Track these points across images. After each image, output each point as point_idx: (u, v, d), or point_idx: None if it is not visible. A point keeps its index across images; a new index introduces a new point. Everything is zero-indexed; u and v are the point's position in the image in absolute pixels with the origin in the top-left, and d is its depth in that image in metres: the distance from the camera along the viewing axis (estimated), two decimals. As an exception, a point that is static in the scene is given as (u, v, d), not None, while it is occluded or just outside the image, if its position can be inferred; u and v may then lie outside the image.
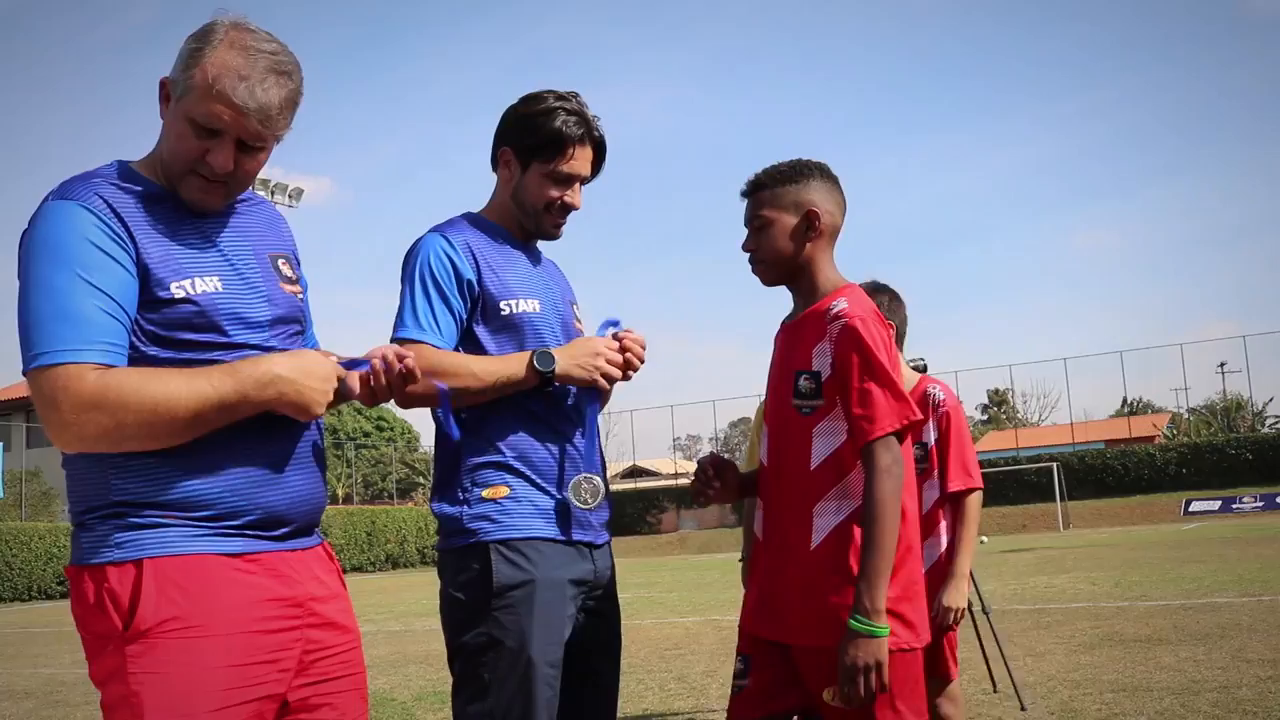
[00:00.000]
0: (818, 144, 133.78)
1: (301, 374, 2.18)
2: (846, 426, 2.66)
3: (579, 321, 3.10)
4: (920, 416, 2.66)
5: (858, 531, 2.60)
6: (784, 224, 2.81)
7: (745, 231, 2.89)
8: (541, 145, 2.91)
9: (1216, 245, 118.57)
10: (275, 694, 2.19)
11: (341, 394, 2.45)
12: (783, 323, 2.93)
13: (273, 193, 47.53)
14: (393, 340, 2.78)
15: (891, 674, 2.55)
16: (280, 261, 2.43)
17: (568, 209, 2.98)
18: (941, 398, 3.97)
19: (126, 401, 2.04)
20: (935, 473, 3.95)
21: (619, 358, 2.92)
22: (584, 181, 3.00)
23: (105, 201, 2.15)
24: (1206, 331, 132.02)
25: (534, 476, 2.83)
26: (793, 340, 2.81)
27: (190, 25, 2.25)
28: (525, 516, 2.79)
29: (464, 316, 2.86)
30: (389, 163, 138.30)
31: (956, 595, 3.98)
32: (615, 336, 2.96)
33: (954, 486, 3.93)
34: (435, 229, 2.93)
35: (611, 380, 2.91)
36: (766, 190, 2.84)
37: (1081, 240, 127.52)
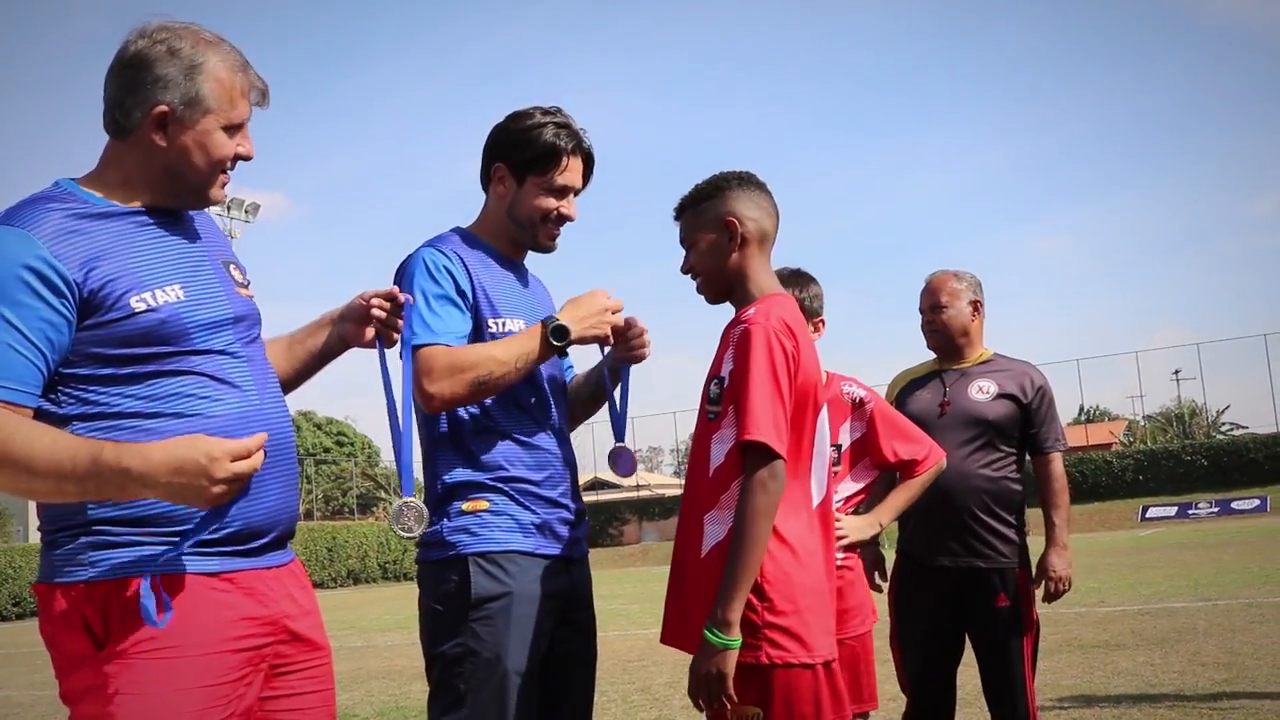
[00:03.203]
0: (775, 153, 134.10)
1: (168, 472, 2.02)
2: (735, 435, 2.64)
3: None
4: (783, 456, 2.59)
5: None
6: (708, 240, 2.84)
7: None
8: (536, 159, 2.95)
9: (1169, 253, 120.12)
10: (245, 710, 2.19)
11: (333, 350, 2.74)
12: None
13: (229, 208, 47.03)
14: (413, 350, 2.79)
15: (784, 692, 2.54)
16: (232, 267, 2.44)
17: (563, 220, 3.03)
18: (861, 395, 3.90)
19: None
20: (848, 473, 3.91)
21: (619, 304, 2.99)
22: (576, 193, 3.04)
23: (53, 231, 2.11)
24: (1160, 339, 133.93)
25: (512, 491, 2.85)
26: (718, 346, 2.83)
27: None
28: (504, 530, 2.81)
29: (470, 318, 2.88)
30: (343, 178, 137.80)
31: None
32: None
33: (905, 455, 3.88)
34: (428, 243, 2.95)
35: (614, 332, 2.98)
36: (689, 211, 2.90)
37: (1035, 248, 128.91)
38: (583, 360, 3.30)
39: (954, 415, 4.25)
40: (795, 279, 3.92)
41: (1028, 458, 4.47)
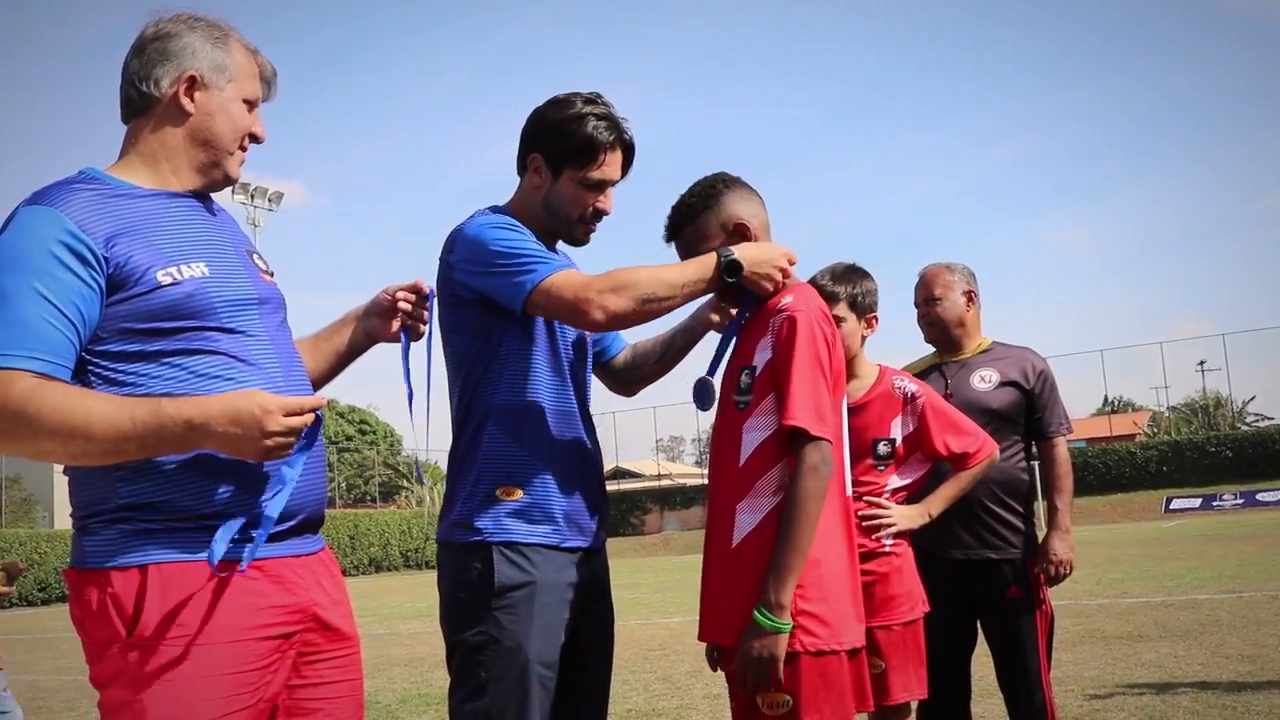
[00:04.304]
0: (790, 146, 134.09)
1: (226, 422, 2.09)
2: (772, 423, 2.64)
3: None
4: (831, 440, 2.60)
5: (774, 530, 2.59)
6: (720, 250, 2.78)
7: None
8: (574, 152, 2.87)
9: (1191, 244, 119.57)
10: (271, 697, 2.21)
11: (358, 348, 2.78)
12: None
13: (253, 196, 46.93)
14: (532, 292, 2.71)
15: (813, 679, 2.54)
16: (254, 256, 2.48)
17: (600, 214, 2.96)
18: (913, 389, 3.88)
19: (46, 417, 2.04)
20: (897, 467, 3.90)
21: (795, 258, 2.81)
22: (614, 184, 2.98)
23: (80, 208, 2.16)
24: (1182, 330, 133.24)
25: (545, 479, 2.83)
26: (743, 336, 2.81)
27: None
28: (532, 521, 2.80)
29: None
30: (361, 167, 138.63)
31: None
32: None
33: (956, 449, 3.87)
34: (479, 212, 2.91)
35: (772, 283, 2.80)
36: (689, 227, 2.83)
37: (1055, 239, 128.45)
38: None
39: (958, 406, 4.21)
40: (849, 274, 3.91)
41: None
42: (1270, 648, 7.96)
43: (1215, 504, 38.88)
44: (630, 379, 3.25)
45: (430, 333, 2.84)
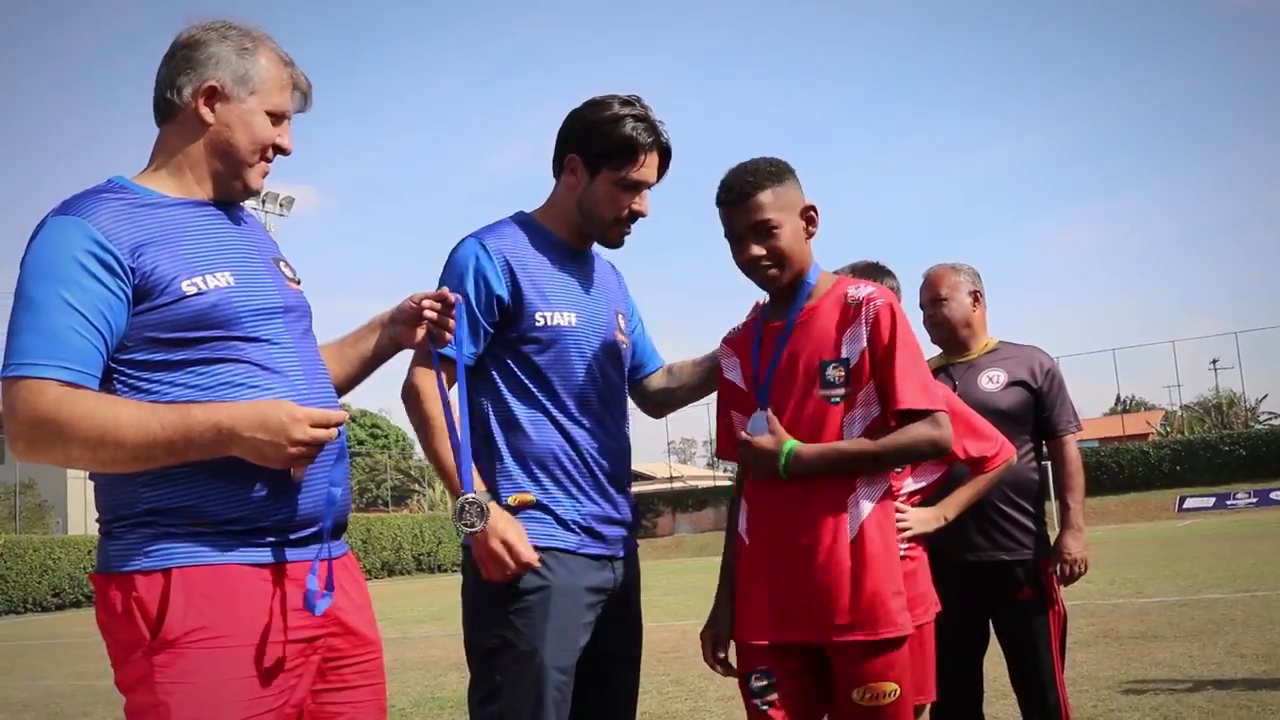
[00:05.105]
0: (798, 146, 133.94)
1: (253, 428, 2.13)
2: (873, 411, 2.67)
3: (621, 333, 3.07)
4: (946, 411, 2.69)
5: (892, 513, 2.69)
6: (791, 225, 2.78)
7: (726, 239, 2.85)
8: (612, 153, 2.88)
9: (1200, 243, 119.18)
10: (297, 702, 2.23)
11: (382, 355, 2.73)
12: (767, 319, 2.89)
13: (264, 201, 47.03)
14: (460, 346, 2.78)
15: (905, 660, 2.64)
16: (281, 264, 2.49)
17: (636, 216, 2.97)
18: None
19: (76, 425, 2.07)
20: (912, 469, 3.88)
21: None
22: (649, 186, 2.98)
23: (106, 218, 2.18)
24: (1192, 329, 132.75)
25: (561, 486, 2.84)
26: (808, 331, 2.77)
27: (173, 32, 2.41)
28: (548, 526, 2.81)
29: (488, 331, 2.85)
30: (370, 170, 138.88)
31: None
32: None
33: (975, 452, 3.84)
34: (475, 235, 2.92)
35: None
36: (765, 192, 2.76)
37: (1060, 239, 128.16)
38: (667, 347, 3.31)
39: None
40: (871, 272, 3.91)
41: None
42: (1285, 647, 7.93)
43: (1229, 503, 38.67)
44: (661, 400, 3.25)
45: (457, 339, 2.84)
